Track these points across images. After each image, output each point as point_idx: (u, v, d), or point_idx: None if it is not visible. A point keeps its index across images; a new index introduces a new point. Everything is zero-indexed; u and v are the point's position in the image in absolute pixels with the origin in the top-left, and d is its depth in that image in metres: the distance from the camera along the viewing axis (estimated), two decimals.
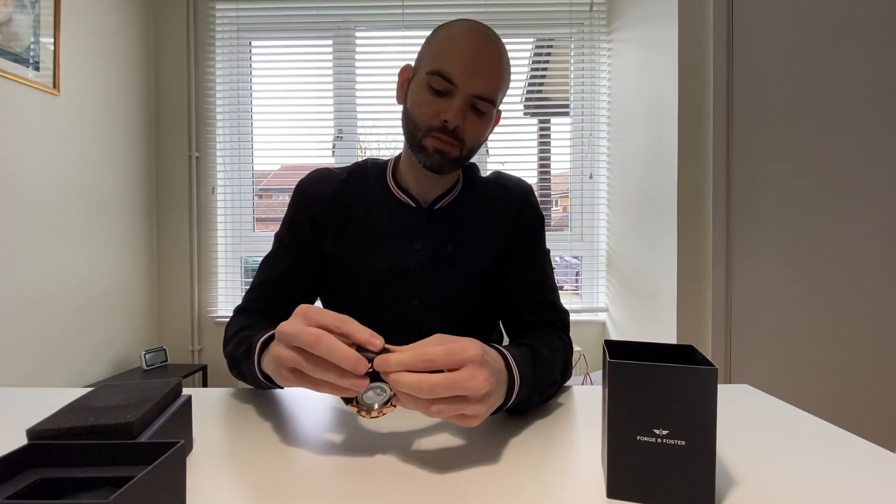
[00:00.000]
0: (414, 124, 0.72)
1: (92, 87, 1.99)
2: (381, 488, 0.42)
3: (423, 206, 0.80)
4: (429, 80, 0.70)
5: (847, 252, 1.58)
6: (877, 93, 1.56)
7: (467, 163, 0.83)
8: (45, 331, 1.78)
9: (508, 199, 0.83)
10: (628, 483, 0.39)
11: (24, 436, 0.39)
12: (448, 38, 0.71)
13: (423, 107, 0.71)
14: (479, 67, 0.68)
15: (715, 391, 0.38)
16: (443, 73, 0.68)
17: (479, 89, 0.69)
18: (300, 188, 0.82)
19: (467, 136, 0.71)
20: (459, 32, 0.70)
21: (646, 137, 1.92)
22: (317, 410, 0.62)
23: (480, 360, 0.44)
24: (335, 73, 2.39)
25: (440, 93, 0.70)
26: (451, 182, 0.82)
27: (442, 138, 0.70)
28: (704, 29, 1.64)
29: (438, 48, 0.71)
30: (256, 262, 2.49)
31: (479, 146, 0.76)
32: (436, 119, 0.70)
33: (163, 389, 0.47)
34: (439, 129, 0.70)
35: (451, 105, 0.69)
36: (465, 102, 0.69)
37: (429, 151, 0.71)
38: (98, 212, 2.02)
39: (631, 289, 2.08)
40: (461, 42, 0.69)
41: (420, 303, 0.78)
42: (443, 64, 0.69)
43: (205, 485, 0.42)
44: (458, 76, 0.68)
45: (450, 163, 0.73)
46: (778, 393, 0.70)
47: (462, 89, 0.68)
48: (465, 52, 0.68)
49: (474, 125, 0.71)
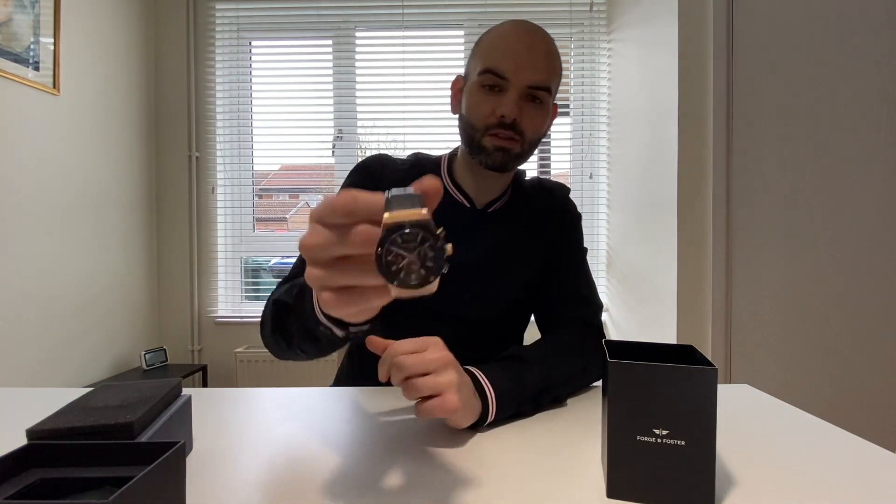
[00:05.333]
0: (471, 127, 0.72)
1: (92, 87, 1.99)
2: (380, 488, 0.42)
3: (477, 207, 0.80)
4: (480, 80, 0.70)
5: (847, 252, 1.58)
6: (877, 92, 1.56)
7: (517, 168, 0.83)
8: (45, 331, 1.78)
9: (552, 203, 0.85)
10: (628, 483, 0.39)
11: (24, 436, 0.39)
12: (495, 37, 0.71)
13: (478, 107, 0.71)
14: (528, 58, 0.68)
15: (715, 391, 0.38)
16: (493, 70, 0.69)
17: (531, 79, 0.69)
18: (366, 168, 0.81)
19: (527, 129, 0.71)
20: (505, 30, 0.71)
21: (646, 137, 1.92)
22: (317, 410, 0.62)
23: (439, 342, 0.52)
24: (335, 73, 2.39)
25: (493, 90, 0.70)
26: (506, 184, 0.82)
27: (500, 133, 0.70)
28: (704, 29, 1.64)
29: (486, 49, 0.71)
30: (257, 263, 2.50)
31: (540, 139, 0.76)
32: (492, 116, 0.70)
33: (163, 389, 0.47)
34: (497, 125, 0.70)
35: (506, 99, 0.69)
36: (519, 95, 0.69)
37: (489, 150, 0.71)
38: (98, 212, 2.02)
39: (631, 289, 2.08)
40: (508, 38, 0.70)
41: (472, 297, 0.78)
42: (492, 62, 0.69)
43: (205, 485, 0.42)
44: (509, 70, 0.68)
45: (512, 159, 0.72)
46: (778, 393, 0.70)
47: (514, 82, 0.68)
48: (513, 46, 0.69)
49: (532, 117, 0.71)
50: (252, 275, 2.52)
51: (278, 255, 2.51)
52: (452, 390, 0.49)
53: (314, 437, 0.53)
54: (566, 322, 0.79)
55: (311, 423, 0.57)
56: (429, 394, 0.49)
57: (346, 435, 0.54)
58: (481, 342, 0.77)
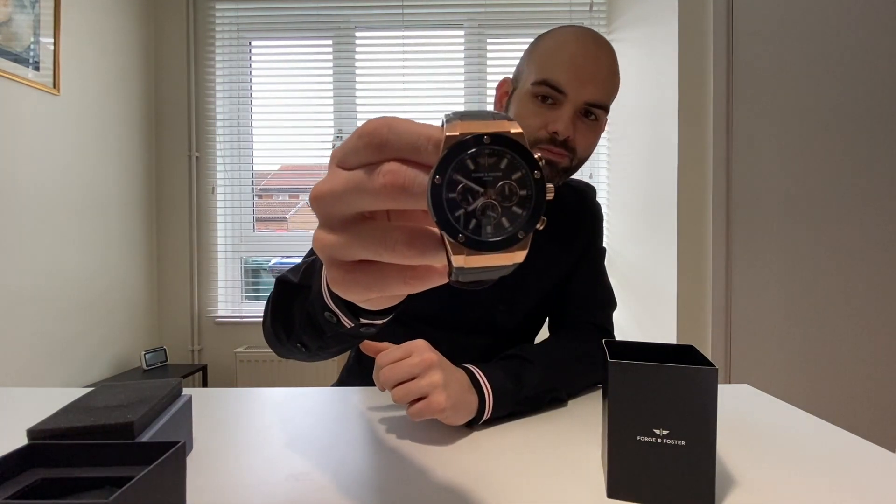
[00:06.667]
0: None
1: (92, 87, 1.99)
2: (380, 488, 0.42)
3: None
4: (534, 90, 0.66)
5: (847, 252, 1.58)
6: (877, 93, 1.56)
7: None
8: (45, 331, 1.78)
9: (582, 201, 0.84)
10: (628, 483, 0.39)
11: (24, 436, 0.39)
12: (554, 45, 0.67)
13: (529, 119, 0.66)
14: (590, 73, 0.64)
15: (715, 391, 0.38)
16: (550, 83, 0.64)
17: (591, 96, 0.65)
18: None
19: (579, 147, 0.67)
20: (566, 38, 0.66)
21: (646, 137, 1.92)
22: (317, 411, 0.62)
23: (424, 345, 0.54)
24: (335, 73, 2.39)
25: (547, 102, 0.66)
26: None
27: (551, 149, 0.66)
28: (704, 29, 1.64)
29: (543, 57, 0.67)
30: (257, 263, 2.50)
31: (589, 157, 0.72)
32: (543, 131, 0.66)
33: (163, 389, 0.47)
34: (547, 140, 0.66)
35: (561, 115, 0.65)
36: (575, 111, 0.65)
37: None
38: (98, 211, 2.02)
39: (631, 289, 2.08)
40: (569, 48, 0.65)
41: (507, 308, 0.78)
42: (550, 73, 0.65)
43: (205, 485, 0.42)
44: (568, 84, 0.64)
45: (559, 174, 0.69)
46: (778, 393, 0.70)
47: (572, 97, 0.64)
48: (575, 58, 0.64)
49: (586, 135, 0.67)
50: (252, 275, 2.52)
51: (278, 255, 2.51)
52: (438, 390, 0.50)
53: (314, 437, 0.53)
54: (577, 324, 0.79)
55: (312, 423, 0.57)
56: (416, 397, 0.50)
57: (345, 435, 0.54)
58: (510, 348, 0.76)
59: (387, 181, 0.21)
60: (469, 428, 0.55)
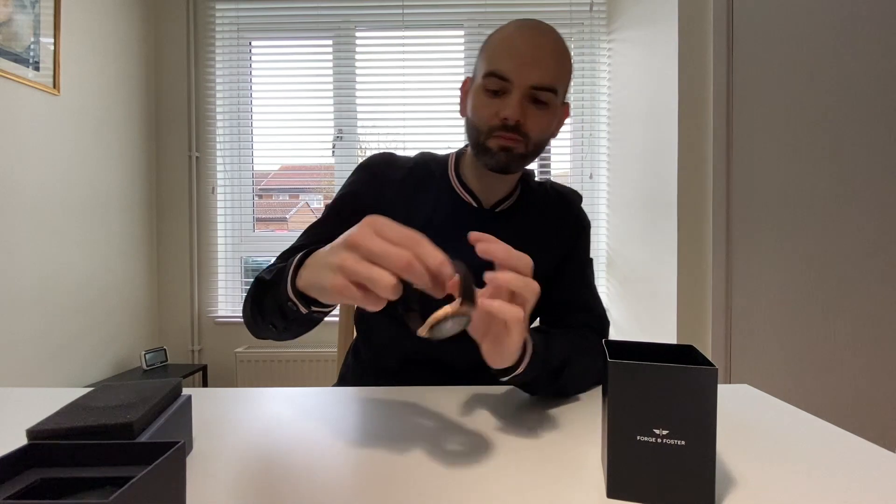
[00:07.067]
0: (476, 129, 0.72)
1: (92, 87, 1.99)
2: (380, 488, 0.42)
3: (484, 206, 0.80)
4: (485, 83, 0.70)
5: (847, 252, 1.58)
6: (877, 92, 1.56)
7: (524, 169, 0.83)
8: (45, 331, 1.78)
9: (566, 206, 0.85)
10: (628, 483, 0.39)
11: (24, 436, 0.39)
12: (499, 38, 0.71)
13: (482, 109, 0.71)
14: (533, 58, 0.67)
15: (715, 391, 0.38)
16: (497, 73, 0.68)
17: (536, 80, 0.68)
18: (368, 167, 0.82)
19: (531, 131, 0.70)
20: (510, 31, 0.70)
21: (646, 137, 1.92)
22: (317, 411, 0.62)
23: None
24: (335, 73, 2.39)
25: (497, 93, 0.69)
26: (512, 184, 0.81)
27: (504, 135, 0.69)
28: (704, 29, 1.64)
29: (490, 51, 0.71)
30: (257, 263, 2.50)
31: (546, 141, 0.75)
32: (495, 118, 0.69)
33: (163, 389, 0.47)
34: (500, 127, 0.69)
35: (509, 102, 0.68)
36: (522, 96, 0.68)
37: (493, 151, 0.71)
38: (98, 212, 2.02)
39: (631, 289, 2.08)
40: (511, 38, 0.69)
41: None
42: (495, 64, 0.69)
43: (205, 485, 0.42)
44: (512, 71, 0.67)
45: (516, 160, 0.72)
46: (778, 393, 0.70)
47: (517, 83, 0.68)
48: (518, 47, 0.68)
49: (537, 118, 0.70)
50: (252, 275, 2.52)
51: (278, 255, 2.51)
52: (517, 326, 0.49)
53: (314, 437, 0.53)
54: (574, 325, 0.79)
55: (312, 424, 0.57)
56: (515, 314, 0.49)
57: (346, 435, 0.54)
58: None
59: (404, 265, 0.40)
60: (491, 381, 0.61)
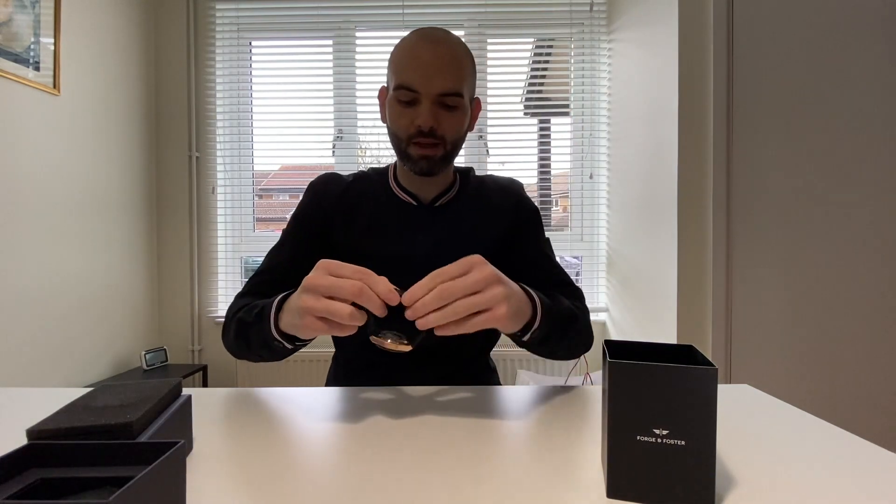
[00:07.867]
0: (396, 137, 0.79)
1: (92, 87, 1.99)
2: (380, 488, 0.42)
3: (424, 203, 0.86)
4: (397, 94, 0.76)
5: (847, 252, 1.58)
6: (877, 92, 1.56)
7: (462, 168, 0.91)
8: (45, 331, 1.78)
9: (504, 195, 0.90)
10: (628, 483, 0.39)
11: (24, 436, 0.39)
12: (401, 51, 0.76)
13: (398, 120, 0.77)
14: (434, 68, 0.73)
15: (715, 391, 0.38)
16: (405, 86, 0.74)
17: (440, 88, 0.74)
18: (311, 186, 0.88)
19: (446, 133, 0.77)
20: (409, 43, 0.76)
21: (646, 137, 1.92)
22: (317, 410, 0.62)
23: (481, 260, 0.54)
24: (335, 73, 2.39)
25: (410, 103, 0.75)
26: (447, 181, 0.87)
27: (422, 142, 0.76)
28: (704, 29, 1.64)
29: (396, 63, 0.76)
30: (257, 263, 2.50)
31: (462, 139, 0.82)
32: (412, 127, 0.76)
33: (163, 389, 0.47)
34: (417, 133, 0.75)
35: (420, 111, 0.74)
36: (431, 104, 0.74)
37: (414, 159, 0.77)
38: (98, 212, 2.02)
39: (631, 289, 2.08)
40: (412, 51, 0.74)
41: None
42: (403, 77, 0.74)
43: (205, 485, 0.42)
44: (418, 83, 0.73)
45: (436, 163, 0.78)
46: (778, 393, 0.70)
47: (424, 93, 0.74)
48: (418, 59, 0.73)
49: (449, 120, 0.76)
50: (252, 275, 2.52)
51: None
52: (502, 303, 0.53)
53: (314, 436, 0.53)
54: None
55: (311, 423, 0.57)
56: (479, 310, 0.53)
57: (345, 434, 0.54)
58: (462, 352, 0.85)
59: (356, 291, 0.51)
60: (513, 339, 0.65)
